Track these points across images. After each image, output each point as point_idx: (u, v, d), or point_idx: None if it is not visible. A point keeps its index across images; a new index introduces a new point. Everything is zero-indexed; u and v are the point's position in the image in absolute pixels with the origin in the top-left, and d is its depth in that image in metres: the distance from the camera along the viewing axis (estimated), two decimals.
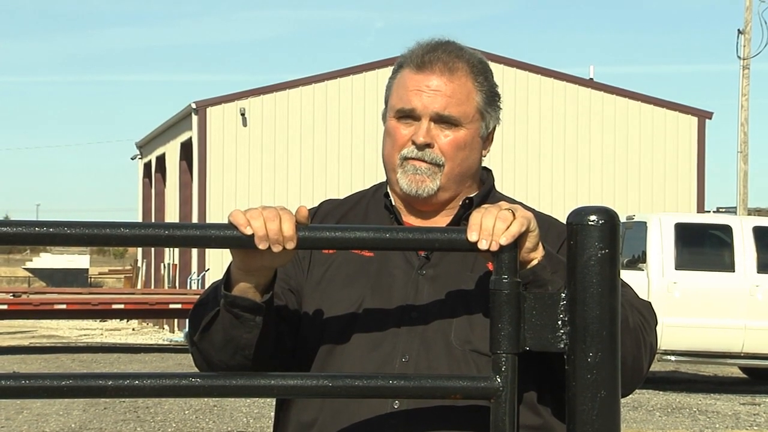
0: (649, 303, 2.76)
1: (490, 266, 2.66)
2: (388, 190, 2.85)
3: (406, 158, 2.77)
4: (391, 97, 2.83)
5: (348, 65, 33.23)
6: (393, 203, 2.83)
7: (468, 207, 2.80)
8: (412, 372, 2.64)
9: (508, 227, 2.33)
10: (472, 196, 2.82)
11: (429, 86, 2.76)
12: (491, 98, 2.83)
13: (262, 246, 2.28)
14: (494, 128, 2.87)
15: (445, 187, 2.77)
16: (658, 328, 2.76)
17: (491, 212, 2.36)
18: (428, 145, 2.75)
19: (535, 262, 2.46)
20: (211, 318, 2.56)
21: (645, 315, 2.67)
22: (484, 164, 2.91)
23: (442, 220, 2.81)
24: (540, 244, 2.47)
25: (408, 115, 2.78)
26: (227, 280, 2.52)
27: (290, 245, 2.29)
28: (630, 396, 17.21)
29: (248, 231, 2.27)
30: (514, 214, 2.37)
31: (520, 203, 2.66)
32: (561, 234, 2.73)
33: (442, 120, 2.77)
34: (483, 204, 2.73)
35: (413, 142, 2.76)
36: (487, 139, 2.85)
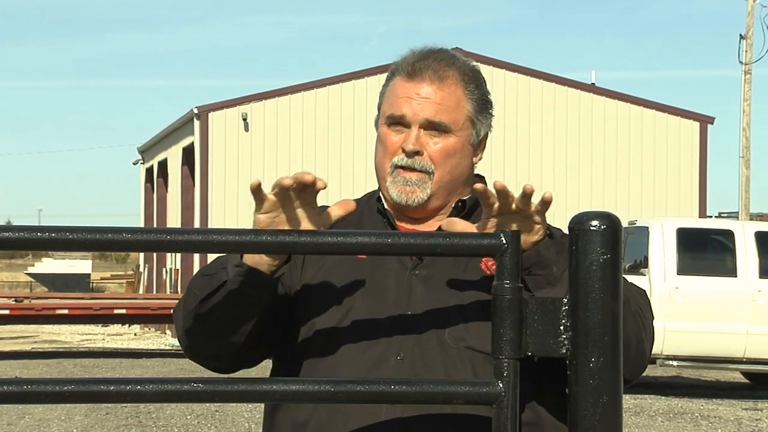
0: (644, 291, 2.80)
1: (483, 266, 2.69)
2: (381, 195, 2.87)
3: (396, 166, 2.79)
4: (382, 104, 2.86)
5: (351, 70, 33.28)
6: (386, 207, 2.85)
7: (461, 210, 2.83)
8: (407, 370, 2.66)
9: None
10: (465, 198, 2.84)
11: (419, 93, 2.78)
12: (482, 106, 2.84)
13: (287, 182, 2.46)
14: (486, 135, 2.89)
15: (435, 195, 2.80)
16: (660, 333, 2.80)
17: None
18: (417, 153, 2.77)
19: (538, 238, 2.54)
20: (214, 289, 2.58)
21: (641, 301, 2.73)
22: (477, 171, 2.93)
23: (435, 223, 2.83)
24: (543, 225, 2.55)
25: (398, 122, 2.80)
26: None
27: (321, 184, 2.51)
28: (632, 401, 17.23)
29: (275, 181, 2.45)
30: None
31: None
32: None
33: (431, 127, 2.78)
34: (476, 207, 2.79)
35: (403, 150, 2.78)
36: (478, 146, 2.87)
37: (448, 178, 2.79)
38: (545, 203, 2.55)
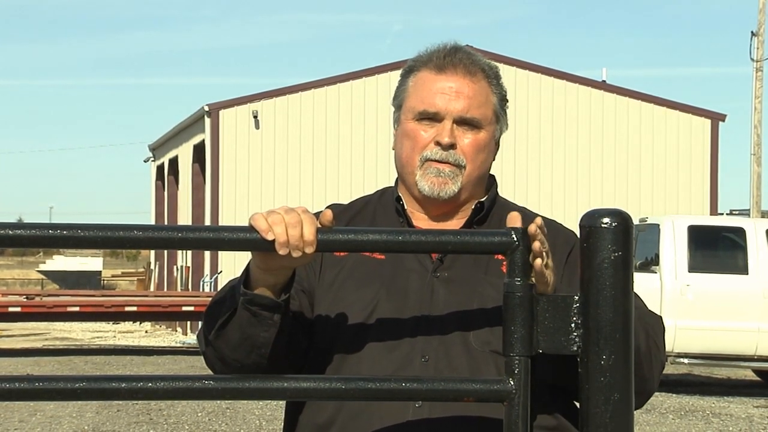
0: (660, 317, 2.78)
1: (504, 269, 2.68)
2: (400, 194, 2.86)
3: (428, 160, 2.78)
4: (407, 99, 2.83)
5: (363, 68, 33.26)
6: (405, 207, 2.84)
7: (479, 211, 2.82)
8: (432, 372, 2.65)
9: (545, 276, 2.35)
10: (483, 200, 2.84)
11: (452, 88, 2.79)
12: (503, 102, 2.88)
13: (282, 252, 2.27)
14: (501, 134, 2.90)
15: (464, 188, 2.79)
16: (671, 331, 2.79)
17: (548, 259, 2.36)
18: (452, 146, 2.77)
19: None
20: (228, 316, 2.56)
21: (656, 330, 2.70)
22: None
23: (454, 224, 2.82)
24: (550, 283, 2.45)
25: (429, 117, 2.79)
26: (246, 278, 2.52)
27: (309, 250, 2.29)
28: None
29: (270, 237, 2.26)
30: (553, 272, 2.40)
31: (525, 208, 2.73)
32: (568, 240, 2.78)
33: (464, 122, 2.79)
34: (492, 209, 2.82)
35: (438, 143, 2.77)
36: (497, 144, 2.88)
37: (477, 173, 2.80)
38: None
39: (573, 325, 2.19)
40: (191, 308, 24.64)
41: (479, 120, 2.79)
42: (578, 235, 2.23)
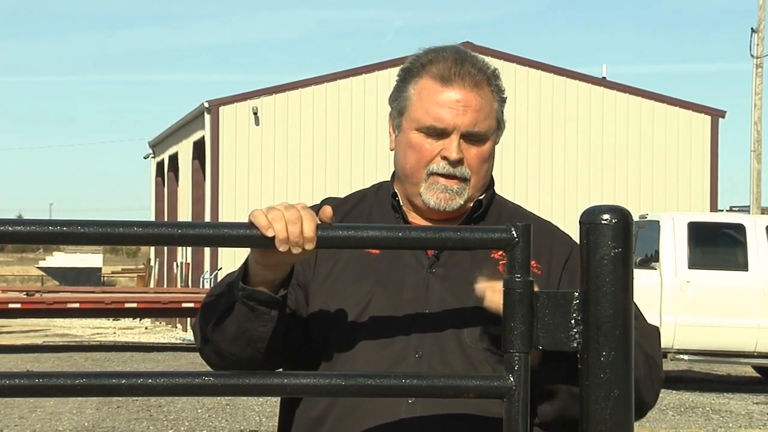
0: (657, 329, 2.77)
1: (501, 268, 2.68)
2: (396, 190, 2.85)
3: (434, 173, 2.77)
4: (411, 109, 2.80)
5: (363, 64, 33.25)
6: (401, 204, 2.84)
7: (477, 208, 2.82)
8: (426, 368, 2.66)
9: None
10: (480, 198, 2.84)
11: (458, 102, 2.76)
12: (503, 105, 2.87)
13: (282, 248, 2.28)
14: (501, 135, 2.91)
15: (470, 198, 2.81)
16: (671, 328, 2.79)
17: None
18: (459, 161, 2.77)
19: None
20: (225, 310, 2.56)
21: (654, 347, 2.71)
22: None
23: (451, 221, 2.82)
24: None
25: (437, 131, 2.77)
26: (244, 274, 2.52)
27: (309, 246, 2.30)
28: None
29: (270, 233, 2.27)
30: None
31: (520, 207, 2.81)
32: (566, 242, 2.78)
33: (471, 136, 2.77)
34: (491, 207, 2.84)
35: (445, 158, 2.76)
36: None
37: (481, 183, 2.81)
38: None
39: (573, 321, 2.19)
40: (191, 305, 24.64)
41: (485, 133, 2.78)
42: (574, 239, 2.24)
